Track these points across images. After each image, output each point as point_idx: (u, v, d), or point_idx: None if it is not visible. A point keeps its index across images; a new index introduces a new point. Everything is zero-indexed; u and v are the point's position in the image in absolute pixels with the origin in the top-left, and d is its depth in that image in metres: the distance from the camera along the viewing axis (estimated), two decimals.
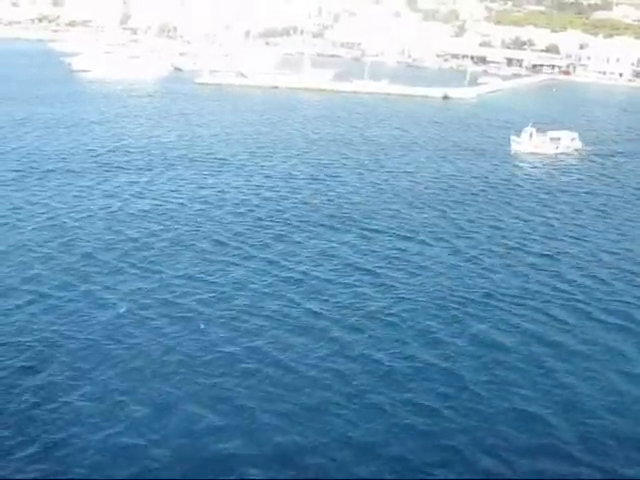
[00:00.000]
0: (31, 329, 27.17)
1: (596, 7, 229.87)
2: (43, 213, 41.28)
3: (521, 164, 65.34)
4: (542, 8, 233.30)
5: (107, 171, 52.71)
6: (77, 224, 39.73)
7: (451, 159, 65.11)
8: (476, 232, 42.37)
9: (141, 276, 32.79)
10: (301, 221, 42.69)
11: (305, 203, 46.41)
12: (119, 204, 43.96)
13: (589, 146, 73.20)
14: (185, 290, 31.45)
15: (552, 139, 70.28)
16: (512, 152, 68.98)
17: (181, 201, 45.64)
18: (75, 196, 45.21)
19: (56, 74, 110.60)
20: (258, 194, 48.36)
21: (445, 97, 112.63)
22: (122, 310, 28.50)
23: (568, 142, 71.26)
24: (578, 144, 72.13)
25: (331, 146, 67.77)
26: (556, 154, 68.70)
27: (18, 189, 45.90)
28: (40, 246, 35.88)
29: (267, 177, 53.46)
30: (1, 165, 51.80)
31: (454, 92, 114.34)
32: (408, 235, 40.86)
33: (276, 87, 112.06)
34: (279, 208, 45.06)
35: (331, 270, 34.80)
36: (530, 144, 69.39)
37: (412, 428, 22.36)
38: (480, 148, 71.42)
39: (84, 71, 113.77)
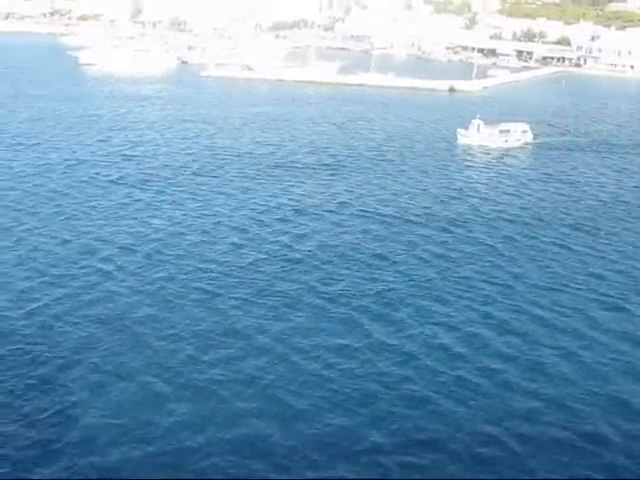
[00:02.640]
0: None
1: None
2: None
3: (462, 157, 63.44)
4: (557, 0, 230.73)
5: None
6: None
7: (392, 153, 63.61)
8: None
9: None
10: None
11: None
12: None
13: (542, 139, 71.30)
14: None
15: (501, 132, 68.10)
16: (459, 145, 67.49)
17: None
18: None
19: (62, 68, 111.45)
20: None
21: (451, 90, 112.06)
22: None
23: (519, 135, 69.15)
24: (529, 137, 70.04)
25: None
26: (505, 147, 66.78)
27: None
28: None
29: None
30: None
31: (460, 85, 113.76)
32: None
33: (281, 80, 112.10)
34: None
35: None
36: (477, 137, 67.57)
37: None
38: (431, 141, 69.59)
39: (90, 65, 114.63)
